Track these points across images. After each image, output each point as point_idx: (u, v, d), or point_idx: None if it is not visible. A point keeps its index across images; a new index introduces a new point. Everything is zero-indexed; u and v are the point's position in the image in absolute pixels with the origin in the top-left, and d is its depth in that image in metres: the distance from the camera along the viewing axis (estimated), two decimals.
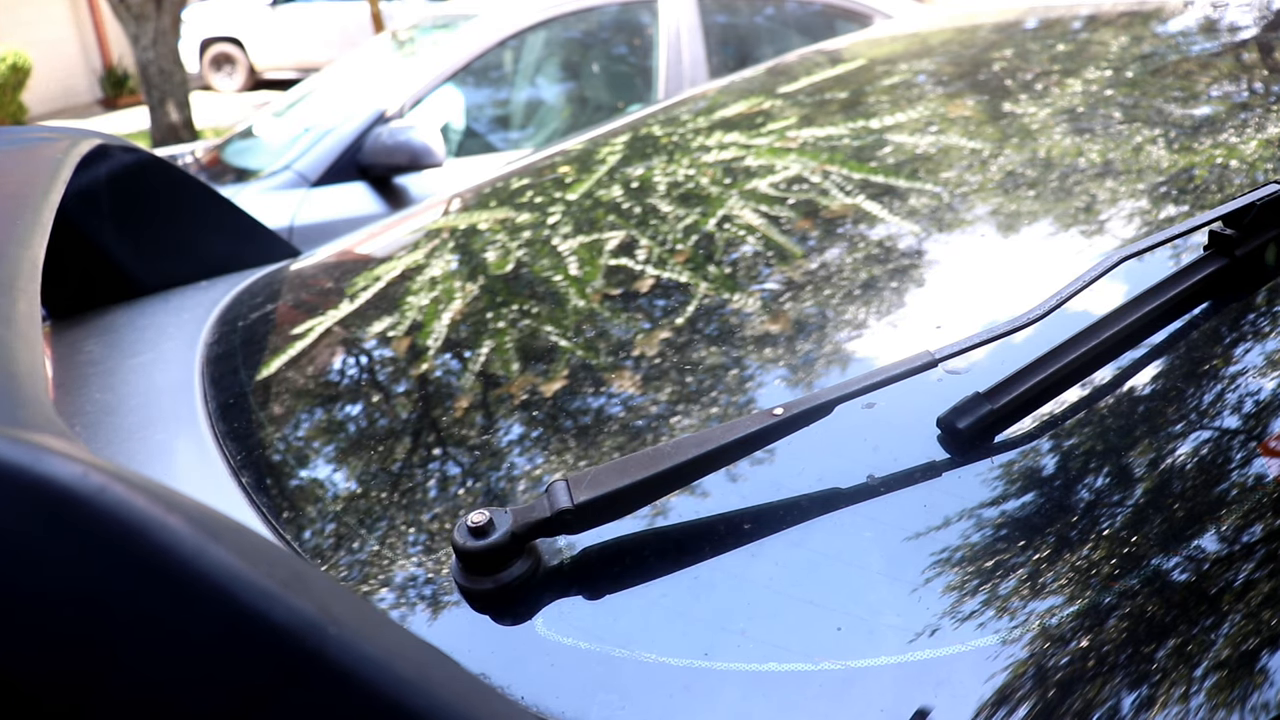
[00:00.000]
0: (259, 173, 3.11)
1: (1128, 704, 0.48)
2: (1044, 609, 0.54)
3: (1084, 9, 1.62)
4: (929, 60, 1.59)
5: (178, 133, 6.56)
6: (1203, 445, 0.62)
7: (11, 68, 8.15)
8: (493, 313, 1.00)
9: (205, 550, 0.29)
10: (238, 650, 0.29)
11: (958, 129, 1.20)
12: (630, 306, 0.95)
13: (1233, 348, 0.71)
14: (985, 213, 0.97)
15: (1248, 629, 0.50)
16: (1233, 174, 0.91)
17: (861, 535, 0.61)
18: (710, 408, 0.76)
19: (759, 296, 0.90)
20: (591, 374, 0.84)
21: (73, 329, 1.18)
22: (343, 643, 0.30)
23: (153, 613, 0.28)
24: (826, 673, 0.52)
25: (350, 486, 0.77)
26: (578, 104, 3.71)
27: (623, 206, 1.20)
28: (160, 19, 6.26)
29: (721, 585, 0.59)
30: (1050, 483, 0.62)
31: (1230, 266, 0.74)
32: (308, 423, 0.89)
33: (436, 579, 0.64)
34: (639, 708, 0.52)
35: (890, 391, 0.64)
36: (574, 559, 0.61)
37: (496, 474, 0.74)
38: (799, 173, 1.17)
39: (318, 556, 0.69)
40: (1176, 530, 0.56)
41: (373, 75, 3.60)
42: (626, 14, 3.64)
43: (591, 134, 1.62)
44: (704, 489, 0.66)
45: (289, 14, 11.11)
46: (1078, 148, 1.04)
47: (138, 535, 0.29)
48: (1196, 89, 1.16)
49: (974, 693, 0.50)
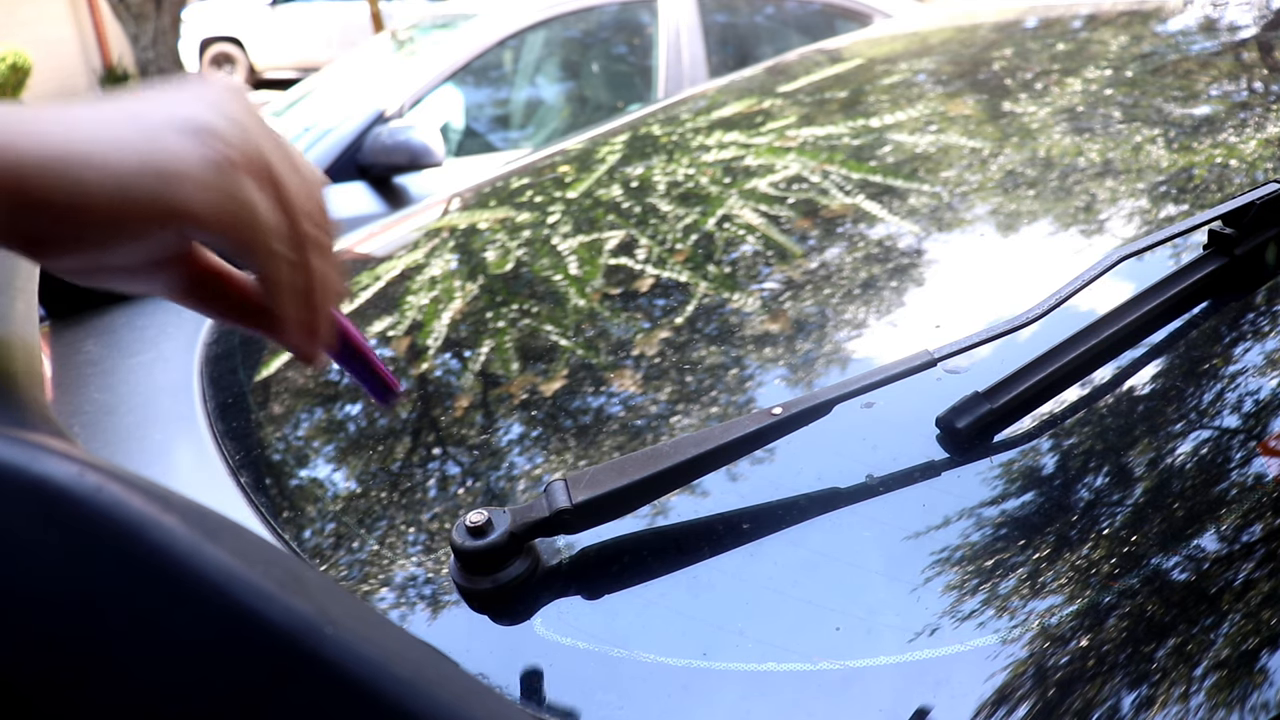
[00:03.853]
0: None
1: (1128, 704, 0.48)
2: (1044, 608, 0.53)
3: (1084, 9, 1.62)
4: (929, 59, 1.59)
5: None
6: (1203, 445, 0.62)
7: (11, 67, 8.15)
8: (492, 312, 1.00)
9: (202, 550, 0.29)
10: (234, 650, 0.29)
11: (958, 128, 1.20)
12: (630, 306, 0.94)
13: (1232, 347, 0.71)
14: (985, 212, 0.97)
15: (1248, 629, 0.50)
16: (1233, 173, 0.91)
17: (860, 535, 0.61)
18: (710, 407, 0.76)
19: (759, 296, 0.90)
20: (591, 373, 0.84)
21: (71, 329, 1.18)
22: (340, 643, 0.30)
23: (148, 612, 0.28)
24: (825, 673, 0.52)
25: (349, 486, 0.77)
26: (577, 103, 3.71)
27: (622, 206, 1.20)
28: (160, 19, 6.26)
29: (720, 585, 0.59)
30: (1049, 482, 0.62)
31: (1230, 265, 0.74)
32: (307, 422, 0.89)
33: (435, 579, 0.64)
34: (637, 708, 0.52)
35: (889, 391, 0.64)
36: (573, 559, 0.61)
37: (495, 474, 0.74)
38: (799, 172, 1.17)
39: (316, 556, 0.69)
40: (1176, 530, 0.56)
41: (372, 75, 3.60)
42: (626, 14, 3.64)
43: (591, 133, 1.62)
44: (703, 489, 0.66)
45: (289, 14, 11.11)
46: (1078, 147, 1.04)
47: (134, 534, 0.29)
48: (1196, 89, 1.16)
49: (974, 693, 0.50)
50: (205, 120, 0.39)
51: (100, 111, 0.38)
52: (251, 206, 0.40)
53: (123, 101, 0.39)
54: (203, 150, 0.38)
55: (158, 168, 0.37)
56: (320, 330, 0.46)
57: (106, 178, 0.36)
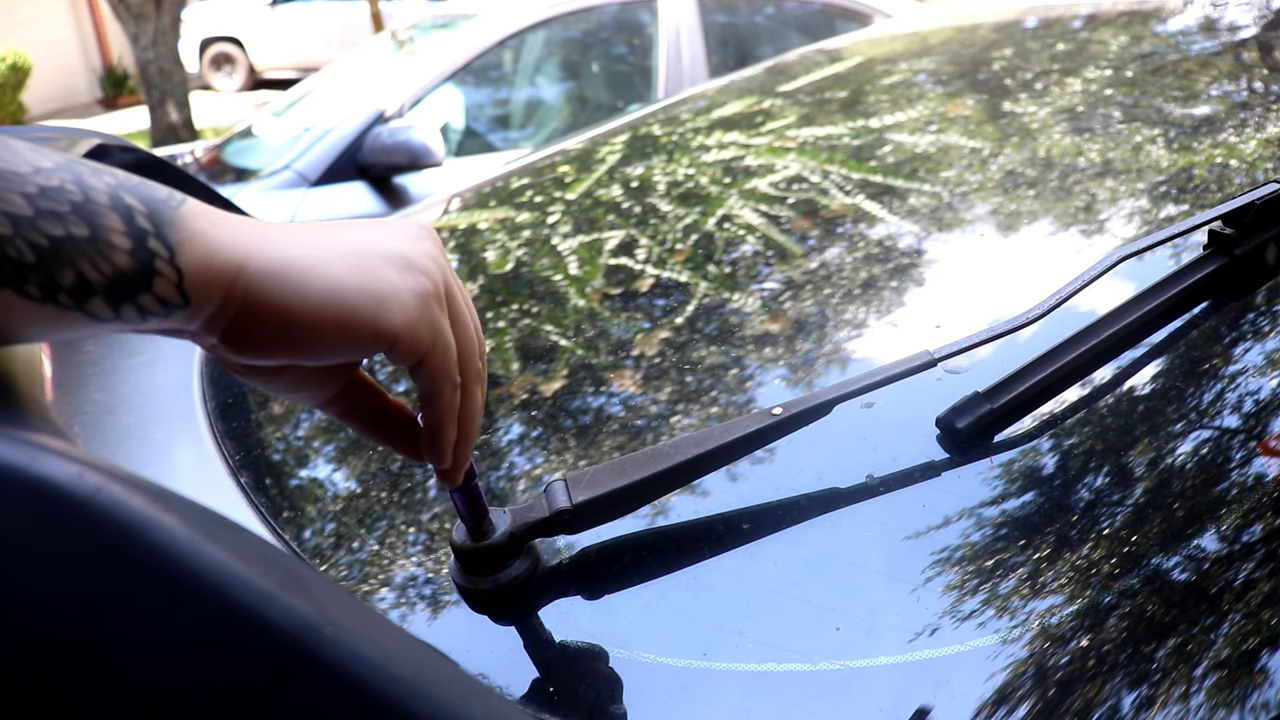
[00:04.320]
0: (259, 172, 3.11)
1: (1128, 704, 0.48)
2: (1044, 608, 0.53)
3: (1084, 9, 1.62)
4: (929, 59, 1.59)
5: (177, 132, 6.56)
6: (1203, 445, 0.62)
7: (11, 67, 8.15)
8: (492, 312, 1.00)
9: (201, 550, 0.29)
10: (233, 651, 0.29)
11: (958, 129, 1.20)
12: (630, 306, 0.94)
13: (1232, 347, 0.71)
14: (985, 212, 0.97)
15: (1248, 629, 0.50)
16: (1233, 173, 0.91)
17: (861, 535, 0.61)
18: (710, 407, 0.76)
19: (759, 296, 0.90)
20: (591, 373, 0.84)
21: None
22: (340, 643, 0.30)
23: (148, 613, 0.28)
24: (825, 673, 0.52)
25: (349, 486, 0.77)
26: (577, 103, 3.70)
27: (622, 206, 1.20)
28: (160, 19, 6.26)
29: (720, 585, 0.59)
30: (1049, 482, 0.62)
31: (1230, 265, 0.74)
32: (307, 422, 0.89)
33: (435, 579, 0.64)
34: (637, 708, 0.52)
35: (889, 391, 0.64)
36: (572, 559, 0.61)
37: (495, 474, 0.74)
38: (799, 172, 1.17)
39: (317, 556, 0.69)
40: (1176, 530, 0.56)
41: (372, 75, 3.60)
42: (626, 14, 3.64)
43: (591, 133, 1.62)
44: (703, 489, 0.66)
45: (289, 14, 11.10)
46: (1078, 147, 1.04)
47: (134, 535, 0.29)
48: (1196, 89, 1.16)
49: (974, 693, 0.50)
50: (411, 255, 0.44)
51: (321, 236, 0.43)
52: (444, 335, 0.45)
53: (339, 230, 0.45)
54: (410, 282, 0.43)
55: (374, 291, 0.42)
56: (465, 454, 0.50)
57: (328, 292, 0.41)
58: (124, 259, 0.36)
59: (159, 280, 0.37)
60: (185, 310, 0.39)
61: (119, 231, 0.36)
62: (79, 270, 0.35)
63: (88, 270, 0.35)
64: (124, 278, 0.36)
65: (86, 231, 0.35)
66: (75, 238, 0.35)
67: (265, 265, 0.40)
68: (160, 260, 0.37)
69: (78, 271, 0.35)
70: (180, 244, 0.38)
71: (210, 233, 0.39)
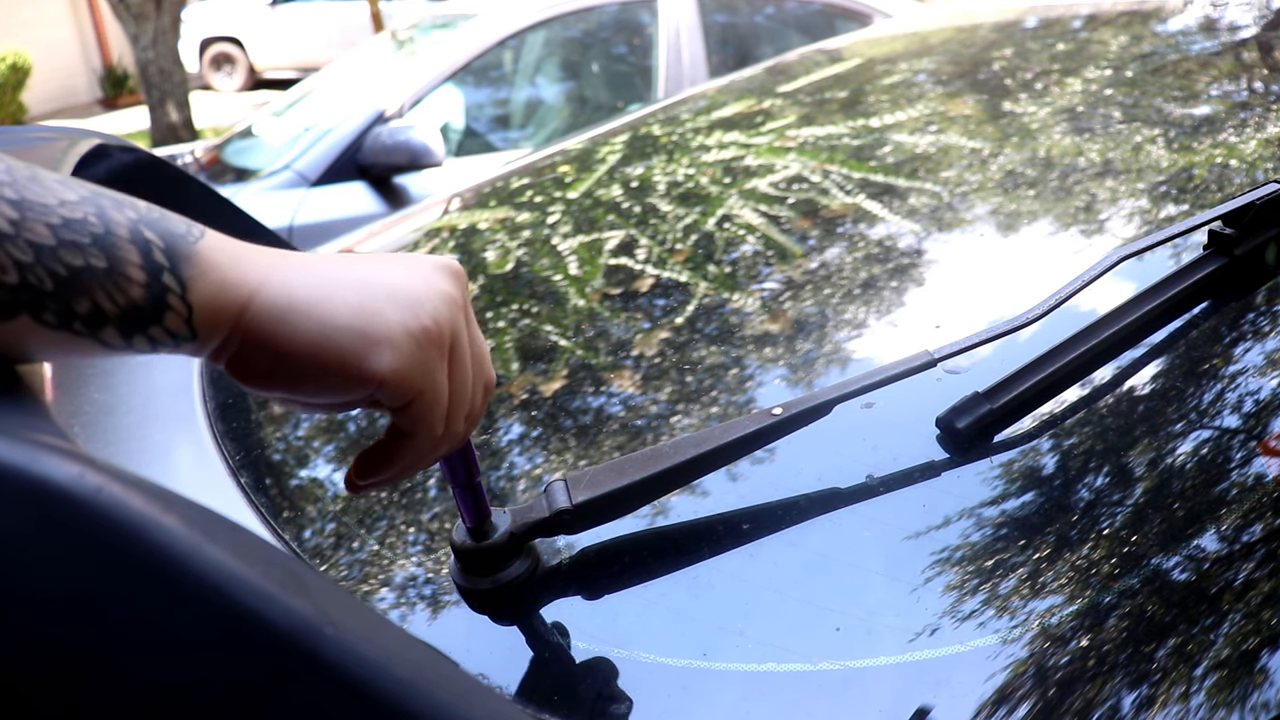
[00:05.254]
0: (259, 172, 3.11)
1: (1128, 704, 0.48)
2: (1044, 609, 0.53)
3: (1084, 9, 1.62)
4: (929, 59, 1.59)
5: (177, 132, 6.56)
6: (1203, 445, 0.62)
7: (11, 67, 8.15)
8: (493, 312, 1.00)
9: (201, 550, 0.29)
10: (234, 651, 0.29)
11: (958, 128, 1.20)
12: (630, 306, 0.94)
13: (1232, 347, 0.71)
14: (985, 212, 0.97)
15: (1248, 629, 0.50)
16: (1233, 174, 0.91)
17: (861, 535, 0.61)
18: (710, 407, 0.76)
19: (759, 296, 0.90)
20: (591, 373, 0.84)
21: None
22: (340, 644, 0.30)
23: (148, 613, 0.28)
24: (825, 673, 0.52)
25: None
26: (577, 104, 3.70)
27: (623, 206, 1.20)
28: (160, 19, 6.25)
29: (720, 585, 0.59)
30: (1049, 482, 0.62)
31: (1230, 265, 0.74)
32: (307, 422, 0.89)
33: (435, 579, 0.64)
34: (637, 708, 0.52)
35: (889, 391, 0.64)
36: (572, 559, 0.61)
37: (496, 474, 0.74)
38: (799, 172, 1.17)
39: (317, 556, 0.69)
40: (1176, 530, 0.56)
41: (372, 75, 3.60)
42: (626, 14, 3.64)
43: (591, 134, 1.62)
44: (703, 489, 0.66)
45: (289, 14, 11.10)
46: (1078, 147, 1.04)
47: (134, 535, 0.29)
48: (1196, 89, 1.16)
49: (974, 693, 0.50)
50: (421, 294, 0.43)
51: (333, 270, 0.42)
52: (435, 382, 0.43)
53: (355, 264, 0.44)
54: (409, 323, 0.42)
55: (366, 332, 0.41)
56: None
57: (319, 335, 0.40)
58: (138, 291, 0.37)
59: (170, 314, 0.38)
60: (193, 343, 0.39)
61: (135, 264, 0.37)
62: (94, 300, 0.36)
63: (103, 300, 0.36)
64: (137, 310, 0.37)
65: (105, 263, 0.36)
66: (94, 268, 0.36)
67: (268, 303, 0.40)
68: (172, 295, 0.38)
69: (93, 301, 0.36)
70: (192, 280, 0.38)
71: (222, 268, 0.39)
